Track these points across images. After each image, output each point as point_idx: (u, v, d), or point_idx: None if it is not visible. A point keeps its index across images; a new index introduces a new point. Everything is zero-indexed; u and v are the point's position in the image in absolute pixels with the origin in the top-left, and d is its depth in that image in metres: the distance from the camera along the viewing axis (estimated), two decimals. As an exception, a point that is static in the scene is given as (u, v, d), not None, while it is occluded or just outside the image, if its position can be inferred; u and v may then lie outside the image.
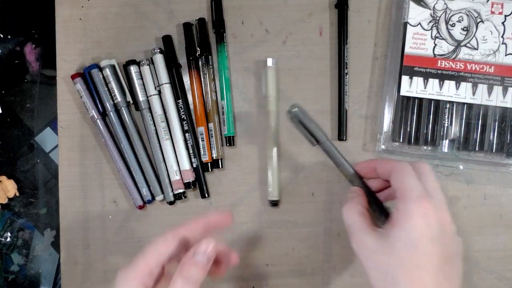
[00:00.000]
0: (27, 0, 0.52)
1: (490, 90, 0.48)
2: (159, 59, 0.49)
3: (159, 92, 0.49)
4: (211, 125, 0.49)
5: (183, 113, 0.49)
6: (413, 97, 0.48)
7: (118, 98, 0.49)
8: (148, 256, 0.32)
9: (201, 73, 0.50)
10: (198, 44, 0.50)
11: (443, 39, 0.48)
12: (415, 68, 0.48)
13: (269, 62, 0.49)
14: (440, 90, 0.48)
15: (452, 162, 0.48)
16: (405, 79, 0.48)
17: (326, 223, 0.49)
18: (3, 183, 0.50)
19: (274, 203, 0.49)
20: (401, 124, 0.48)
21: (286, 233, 0.50)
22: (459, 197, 0.49)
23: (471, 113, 0.48)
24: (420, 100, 0.48)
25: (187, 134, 0.49)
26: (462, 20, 0.48)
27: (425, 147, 0.48)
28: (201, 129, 0.49)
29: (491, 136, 0.48)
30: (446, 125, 0.48)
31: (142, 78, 0.49)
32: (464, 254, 0.33)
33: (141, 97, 0.49)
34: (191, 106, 0.50)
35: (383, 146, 0.48)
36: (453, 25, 0.48)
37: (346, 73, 0.49)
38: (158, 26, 0.51)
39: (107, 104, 0.49)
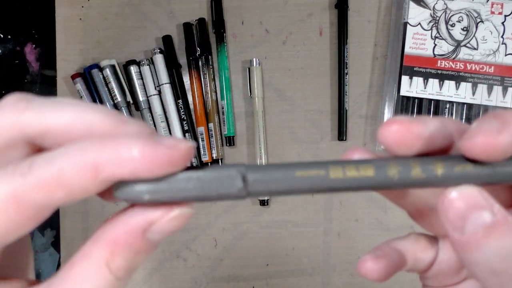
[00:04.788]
0: (27, 0, 0.52)
1: (490, 90, 0.48)
2: (159, 59, 0.49)
3: (159, 92, 0.49)
4: (211, 125, 0.49)
5: (183, 113, 0.49)
6: (413, 97, 0.48)
7: (118, 98, 0.49)
8: None
9: (201, 73, 0.50)
10: (198, 44, 0.50)
11: (443, 39, 0.48)
12: (415, 68, 0.48)
13: (254, 62, 0.49)
14: (440, 90, 0.48)
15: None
16: (405, 79, 0.48)
17: (326, 223, 0.49)
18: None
19: (263, 202, 0.49)
20: (401, 124, 0.48)
21: (286, 233, 0.50)
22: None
23: (471, 113, 0.48)
24: (420, 100, 0.48)
25: (187, 134, 0.49)
26: (462, 20, 0.48)
27: (425, 147, 0.48)
28: (201, 129, 0.49)
29: (491, 136, 0.48)
30: (446, 125, 0.48)
31: (142, 78, 0.49)
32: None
33: (141, 97, 0.49)
34: (191, 106, 0.50)
35: (383, 146, 0.48)
36: (453, 25, 0.48)
37: (346, 73, 0.49)
38: (158, 26, 0.51)
39: (107, 104, 0.49)
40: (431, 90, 0.48)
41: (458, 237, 0.15)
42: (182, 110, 0.49)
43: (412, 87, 0.48)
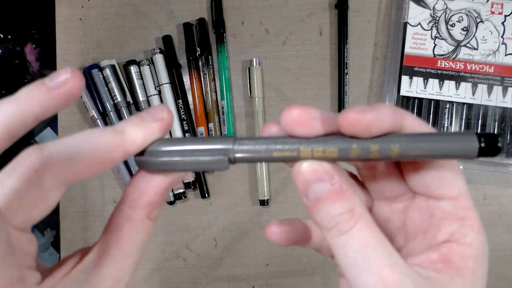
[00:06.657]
0: (27, 0, 0.52)
1: (490, 90, 0.48)
2: (159, 59, 0.49)
3: (159, 92, 0.49)
4: (211, 125, 0.49)
5: (183, 113, 0.49)
6: (413, 97, 0.48)
7: (118, 98, 0.49)
8: None
9: (201, 73, 0.50)
10: (198, 44, 0.50)
11: (443, 39, 0.48)
12: (415, 68, 0.48)
13: (254, 62, 0.49)
14: (440, 90, 0.48)
15: (452, 162, 0.48)
16: (405, 79, 0.48)
17: (326, 223, 0.49)
18: (3, 183, 0.50)
19: (263, 203, 0.49)
20: (401, 124, 0.48)
21: (286, 233, 0.50)
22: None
23: (471, 113, 0.48)
24: (420, 100, 0.48)
25: (187, 134, 0.49)
26: (462, 20, 0.48)
27: (425, 147, 0.48)
28: (201, 129, 0.49)
29: (491, 136, 0.48)
30: (446, 125, 0.48)
31: (142, 78, 0.49)
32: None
33: (141, 97, 0.49)
34: (191, 106, 0.50)
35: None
36: (453, 25, 0.48)
37: (346, 73, 0.49)
38: (158, 26, 0.51)
39: (107, 104, 0.49)
40: (431, 90, 0.48)
41: (305, 201, 0.18)
42: (182, 110, 0.49)
43: (412, 87, 0.48)
